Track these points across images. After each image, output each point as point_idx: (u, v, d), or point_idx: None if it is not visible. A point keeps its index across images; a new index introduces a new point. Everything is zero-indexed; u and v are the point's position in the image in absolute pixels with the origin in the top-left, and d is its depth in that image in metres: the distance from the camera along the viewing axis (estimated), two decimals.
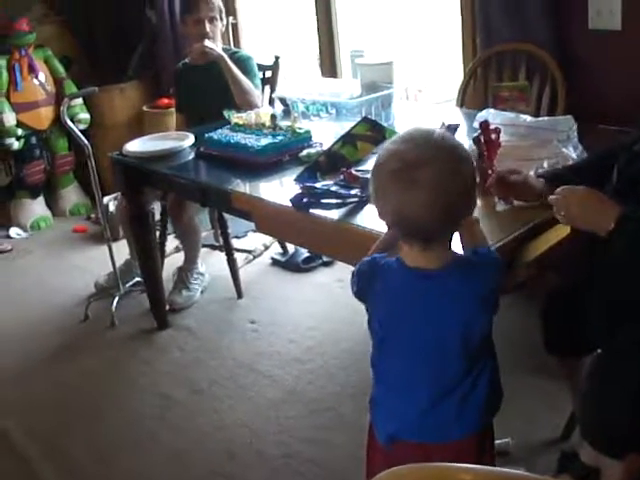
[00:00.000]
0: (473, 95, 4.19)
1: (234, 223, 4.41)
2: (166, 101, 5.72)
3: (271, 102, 4.53)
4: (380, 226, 2.40)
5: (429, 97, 6.17)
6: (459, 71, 4.40)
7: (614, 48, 3.70)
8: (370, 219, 2.58)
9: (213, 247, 4.90)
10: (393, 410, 2.12)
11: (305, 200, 2.75)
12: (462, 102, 4.19)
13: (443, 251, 1.94)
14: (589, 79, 3.82)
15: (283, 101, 4.14)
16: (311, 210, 2.75)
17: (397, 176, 1.84)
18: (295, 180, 3.01)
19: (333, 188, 2.82)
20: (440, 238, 1.91)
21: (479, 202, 2.49)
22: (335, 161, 3.03)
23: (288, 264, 4.84)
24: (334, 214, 2.71)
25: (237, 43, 5.81)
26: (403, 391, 2.08)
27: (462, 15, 4.28)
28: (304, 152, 3.32)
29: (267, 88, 4.68)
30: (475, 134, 2.76)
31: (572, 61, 3.87)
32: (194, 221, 4.46)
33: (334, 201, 2.74)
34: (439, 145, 1.87)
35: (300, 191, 2.81)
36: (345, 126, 3.32)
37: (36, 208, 6.10)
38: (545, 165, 2.85)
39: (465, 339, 1.96)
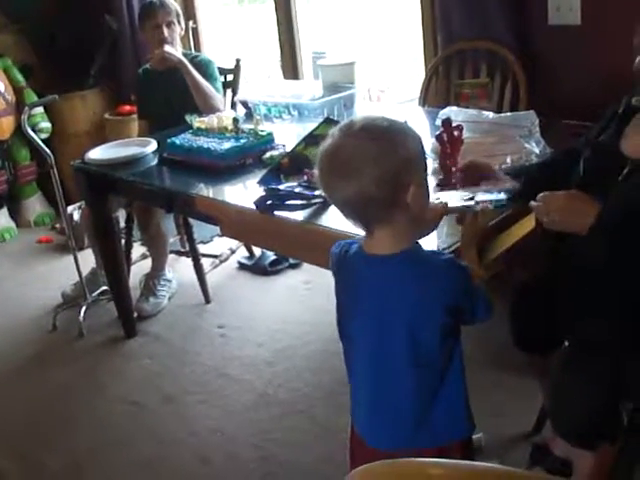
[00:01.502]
0: (435, 93, 4.21)
1: (200, 228, 4.39)
2: (128, 108, 5.69)
3: (233, 105, 4.52)
4: (344, 226, 2.41)
5: (392, 97, 6.19)
6: (421, 70, 4.40)
7: (574, 43, 3.72)
8: (334, 219, 2.58)
9: (179, 253, 4.88)
10: (355, 406, 2.13)
11: (269, 202, 2.74)
12: (424, 101, 4.21)
13: (394, 237, 1.89)
14: (550, 74, 3.84)
15: (245, 104, 4.14)
16: (275, 212, 2.75)
17: (322, 158, 1.86)
18: (259, 183, 3.01)
19: (297, 190, 2.82)
20: (377, 221, 1.87)
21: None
22: (298, 163, 3.02)
23: (255, 267, 4.83)
24: (298, 215, 2.71)
25: (198, 47, 5.79)
26: (358, 389, 2.10)
27: (422, 14, 4.29)
28: (267, 154, 3.32)
29: (229, 92, 4.67)
30: (437, 132, 2.77)
31: (533, 57, 3.89)
32: (162, 228, 4.44)
33: (298, 202, 2.74)
34: (361, 128, 1.85)
35: (264, 193, 2.81)
36: (308, 127, 3.32)
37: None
38: (508, 161, 2.87)
39: (411, 341, 1.92)
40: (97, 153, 3.81)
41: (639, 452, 2.49)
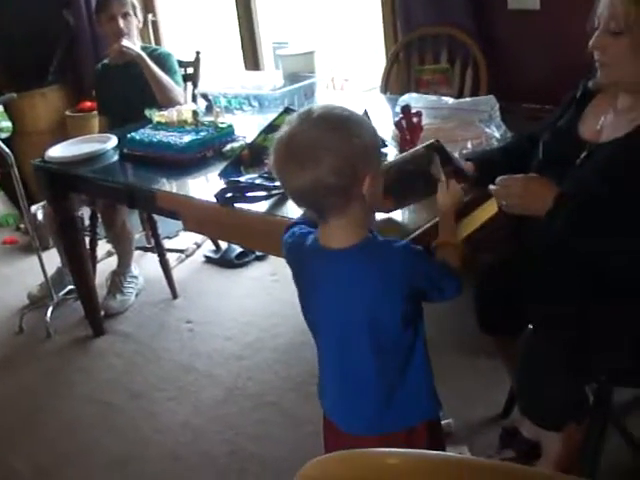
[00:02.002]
0: (396, 80, 4.20)
1: (165, 223, 4.35)
2: (89, 104, 5.64)
3: (194, 98, 4.49)
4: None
5: (356, 86, 6.17)
6: (383, 58, 4.39)
7: (533, 27, 3.74)
8: (296, 210, 2.55)
9: (145, 249, 4.84)
10: (323, 390, 2.15)
11: (229, 195, 2.72)
12: (386, 88, 4.19)
13: (348, 229, 1.90)
14: (510, 59, 3.86)
15: (206, 97, 4.11)
16: (236, 204, 2.73)
17: (278, 145, 1.86)
18: (219, 175, 2.99)
19: (257, 181, 2.80)
20: (330, 210, 1.87)
21: None
22: (258, 154, 3.00)
23: (221, 261, 4.81)
24: (259, 207, 2.70)
25: (157, 40, 5.76)
26: (327, 377, 2.11)
27: (382, 0, 4.26)
28: (228, 147, 3.30)
29: (189, 84, 4.63)
30: (397, 119, 2.76)
31: (493, 42, 3.90)
32: (127, 225, 4.41)
33: (259, 194, 2.72)
34: (319, 116, 1.85)
35: (224, 186, 2.79)
36: (268, 118, 3.29)
37: None
38: (469, 146, 2.87)
39: (373, 329, 1.94)
40: (57, 151, 3.77)
41: (606, 431, 2.49)
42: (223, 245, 4.89)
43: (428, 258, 2.00)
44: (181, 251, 4.98)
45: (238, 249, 4.76)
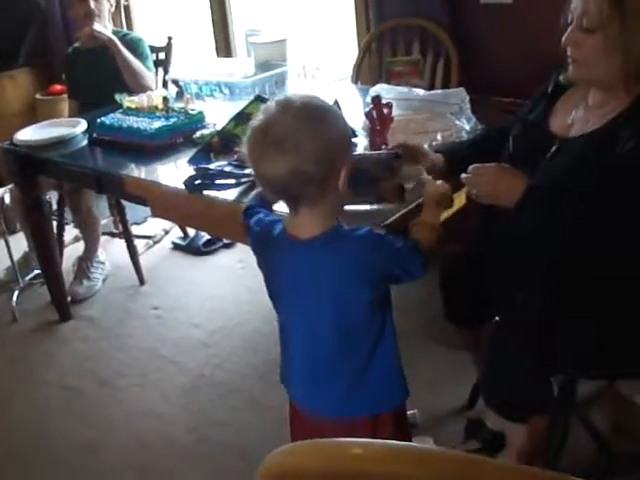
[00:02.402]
0: (368, 71, 4.20)
1: (133, 209, 4.33)
2: (59, 87, 5.60)
3: (165, 84, 4.47)
4: (274, 205, 2.39)
5: (327, 75, 6.16)
6: (355, 48, 4.38)
7: (505, 21, 3.76)
8: None
9: (112, 235, 4.83)
10: (292, 381, 2.16)
11: (198, 182, 2.72)
12: (357, 78, 4.20)
13: (316, 219, 1.92)
14: (482, 52, 3.87)
15: (177, 83, 4.09)
16: (205, 192, 2.72)
17: (256, 133, 1.85)
18: (188, 162, 2.98)
19: (227, 169, 2.79)
20: (304, 200, 1.88)
21: None
22: (228, 141, 2.99)
23: (189, 248, 4.80)
24: (228, 195, 2.69)
25: (130, 25, 5.72)
26: (294, 360, 2.12)
27: None
28: (197, 133, 3.29)
29: (161, 70, 4.61)
30: (367, 109, 2.76)
31: (465, 35, 3.91)
32: (93, 210, 4.38)
33: (228, 181, 2.71)
34: (297, 104, 1.86)
35: (193, 173, 2.78)
36: (239, 105, 3.28)
37: None
38: (439, 137, 2.88)
39: (338, 318, 1.96)
40: (26, 134, 3.74)
41: (570, 423, 2.51)
42: (191, 232, 4.87)
43: (391, 240, 2.00)
44: (149, 237, 4.96)
45: (206, 236, 4.74)
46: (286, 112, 1.83)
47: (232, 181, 2.71)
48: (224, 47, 5.16)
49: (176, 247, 4.88)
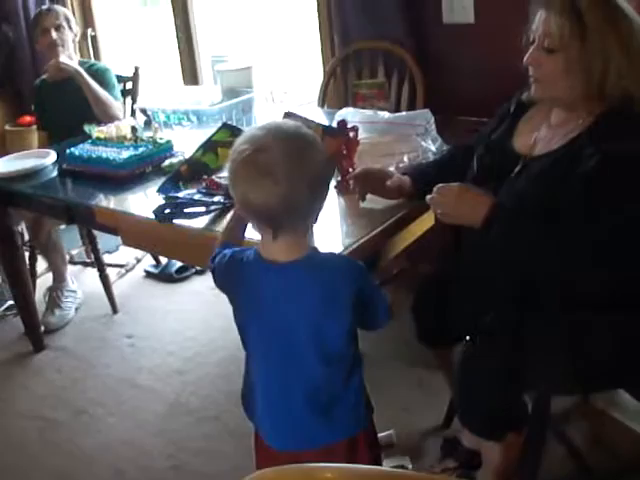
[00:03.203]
0: (334, 94, 4.23)
1: (105, 238, 4.32)
2: (28, 118, 5.60)
3: (133, 113, 4.49)
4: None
5: (294, 99, 6.20)
6: (321, 72, 4.42)
7: (468, 41, 3.79)
8: None
9: (85, 264, 4.82)
10: (259, 414, 2.13)
11: (167, 211, 2.73)
12: (323, 102, 4.23)
13: (295, 244, 1.92)
14: (446, 72, 3.91)
15: (144, 112, 4.10)
16: (175, 220, 2.73)
17: (244, 160, 1.83)
18: (158, 191, 2.99)
19: (196, 197, 2.81)
20: (289, 228, 1.88)
21: (343, 200, 2.56)
22: (197, 169, 3.02)
23: (162, 275, 4.81)
24: (198, 223, 2.70)
25: (97, 55, 5.73)
26: (264, 395, 2.09)
27: (319, 15, 4.30)
28: (166, 162, 3.30)
29: (128, 99, 4.64)
30: None
31: (429, 56, 3.95)
32: (53, 236, 4.37)
33: (198, 210, 2.73)
34: (288, 132, 1.87)
35: (163, 202, 2.80)
36: (207, 133, 3.29)
37: None
38: (405, 159, 2.91)
39: (320, 340, 1.95)
40: None
41: (545, 440, 2.53)
42: (163, 260, 4.88)
43: (367, 274, 2.02)
44: (121, 266, 4.96)
45: (178, 264, 4.76)
46: (276, 141, 1.83)
47: (202, 209, 2.72)
48: (191, 75, 5.18)
49: (148, 275, 4.89)
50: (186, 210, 2.74)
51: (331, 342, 1.97)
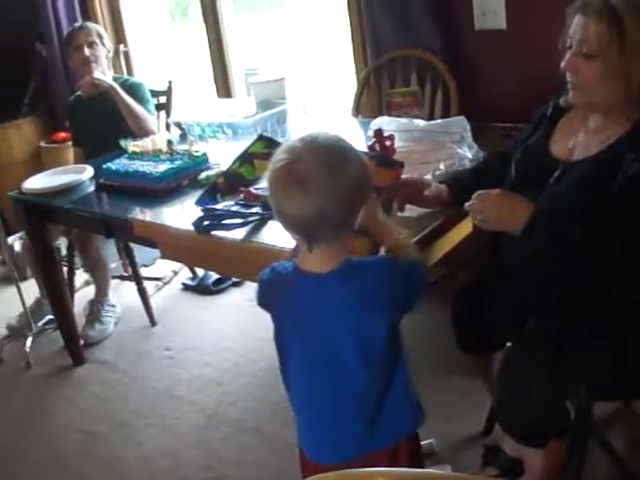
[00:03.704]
0: (367, 104, 4.24)
1: (142, 251, 4.37)
2: (63, 135, 5.65)
3: (167, 127, 4.52)
4: (282, 242, 2.43)
5: (326, 109, 6.21)
6: (354, 81, 4.43)
7: (500, 47, 3.78)
8: (272, 236, 2.61)
9: (122, 278, 4.85)
10: (304, 425, 2.14)
11: (206, 223, 2.75)
12: (357, 111, 4.24)
13: (332, 254, 1.93)
14: (479, 79, 3.90)
15: (179, 125, 4.13)
16: (213, 232, 2.75)
17: (280, 170, 1.85)
18: (195, 203, 3.01)
19: (234, 208, 2.83)
20: (323, 239, 1.89)
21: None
22: (234, 181, 3.04)
23: (199, 288, 4.83)
24: (236, 234, 2.72)
25: (129, 70, 5.78)
26: (307, 408, 2.10)
27: (351, 25, 4.33)
28: (203, 175, 3.33)
29: (162, 113, 4.67)
30: (369, 142, 2.79)
31: (461, 62, 3.94)
32: (101, 253, 4.42)
33: (235, 221, 2.75)
34: (324, 144, 1.88)
35: (201, 214, 2.82)
36: (242, 145, 3.31)
37: None
38: (442, 167, 2.91)
39: (361, 347, 1.96)
40: (34, 182, 3.79)
41: (588, 446, 2.52)
42: (200, 272, 4.90)
43: (400, 265, 2.02)
44: (158, 279, 4.99)
45: (215, 276, 4.78)
46: (312, 152, 1.84)
47: (239, 220, 2.75)
48: (224, 88, 5.21)
49: (186, 287, 4.92)
50: (224, 222, 2.76)
51: (372, 345, 1.97)
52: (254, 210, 2.76)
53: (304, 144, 1.87)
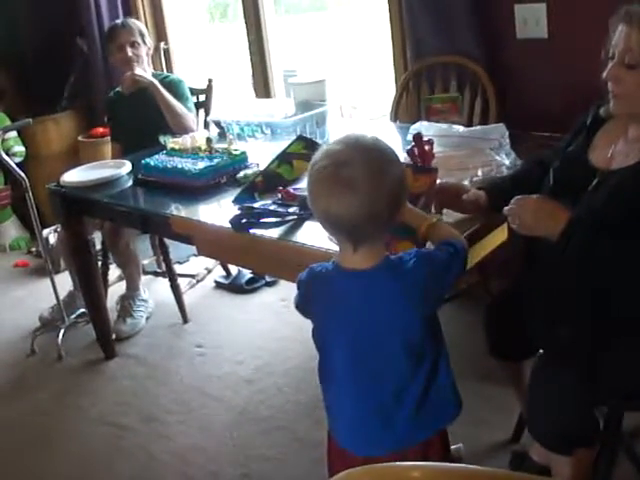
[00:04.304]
0: (406, 109, 4.25)
1: (176, 248, 4.41)
2: (101, 130, 5.70)
3: (206, 125, 4.55)
4: (319, 242, 2.44)
5: (364, 113, 6.22)
6: (392, 86, 4.44)
7: (541, 56, 3.78)
8: (309, 236, 2.62)
9: (156, 274, 4.89)
10: (342, 422, 2.15)
11: (244, 221, 2.76)
12: (396, 116, 4.24)
13: (374, 251, 1.96)
14: (519, 87, 3.90)
15: (218, 124, 4.15)
16: (250, 230, 2.77)
17: (325, 174, 1.87)
18: (233, 201, 3.02)
19: (271, 207, 2.85)
20: (369, 239, 1.93)
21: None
22: (272, 180, 3.05)
23: (232, 286, 4.85)
24: (273, 233, 2.74)
25: (170, 68, 5.80)
26: (349, 401, 2.11)
27: (392, 30, 4.33)
28: (241, 173, 3.35)
29: (202, 112, 4.70)
30: (409, 147, 2.80)
31: (502, 70, 3.94)
32: (131, 247, 4.45)
33: (273, 220, 2.76)
34: (367, 146, 1.91)
35: (239, 212, 2.83)
36: (281, 145, 3.33)
37: None
38: (479, 173, 2.91)
39: (406, 340, 1.99)
40: (72, 176, 3.82)
41: (616, 456, 2.51)
42: (233, 271, 4.93)
43: (436, 254, 2.05)
44: (192, 276, 5.02)
45: (248, 275, 4.80)
46: (356, 154, 1.87)
47: (277, 219, 2.76)
48: (263, 88, 5.23)
49: (219, 285, 4.94)
50: (262, 220, 2.77)
51: (416, 337, 2.01)
52: (292, 210, 2.78)
53: (346, 146, 1.90)
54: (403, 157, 2.92)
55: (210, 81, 4.70)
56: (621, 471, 2.59)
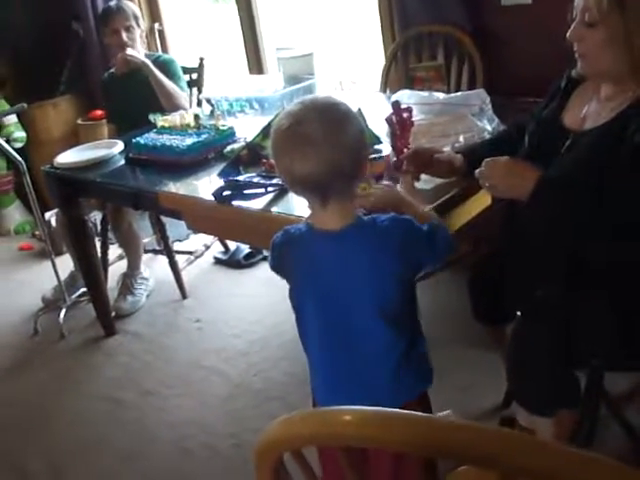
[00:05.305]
0: (395, 79, 4.26)
1: (176, 227, 4.46)
2: (99, 112, 5.71)
3: (199, 104, 4.58)
4: (301, 211, 2.48)
5: (363, 87, 6.23)
6: (382, 58, 4.46)
7: (526, 22, 3.79)
8: (292, 206, 2.66)
9: (155, 252, 4.95)
10: (320, 381, 2.19)
11: (227, 193, 2.80)
12: (385, 87, 4.26)
13: (345, 210, 1.99)
14: (504, 54, 3.91)
15: (210, 101, 4.18)
16: (234, 202, 2.81)
17: (286, 133, 1.92)
18: (218, 175, 3.07)
19: (255, 179, 2.88)
20: (335, 194, 1.95)
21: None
22: (256, 153, 3.08)
23: (230, 261, 4.89)
24: (256, 204, 2.78)
25: (164, 48, 5.82)
26: (325, 362, 2.14)
27: (379, 1, 4.34)
28: (228, 148, 3.38)
29: (194, 90, 4.73)
30: (387, 115, 2.82)
31: (487, 38, 3.95)
32: (133, 227, 4.50)
33: (256, 191, 2.80)
34: (323, 104, 1.95)
35: (222, 184, 2.87)
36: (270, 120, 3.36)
37: None
38: (461, 139, 2.93)
39: (379, 301, 2.01)
40: (66, 157, 3.88)
41: (598, 417, 2.53)
42: (232, 247, 4.97)
43: (415, 225, 2.06)
44: (190, 253, 5.07)
45: (246, 250, 4.84)
46: (313, 111, 1.92)
47: (260, 190, 2.80)
48: (256, 64, 5.25)
49: (217, 261, 4.98)
50: (245, 192, 2.81)
51: (389, 299, 2.02)
52: (275, 180, 2.81)
53: (303, 106, 1.94)
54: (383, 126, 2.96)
55: (202, 59, 4.73)
56: (609, 434, 2.61)
